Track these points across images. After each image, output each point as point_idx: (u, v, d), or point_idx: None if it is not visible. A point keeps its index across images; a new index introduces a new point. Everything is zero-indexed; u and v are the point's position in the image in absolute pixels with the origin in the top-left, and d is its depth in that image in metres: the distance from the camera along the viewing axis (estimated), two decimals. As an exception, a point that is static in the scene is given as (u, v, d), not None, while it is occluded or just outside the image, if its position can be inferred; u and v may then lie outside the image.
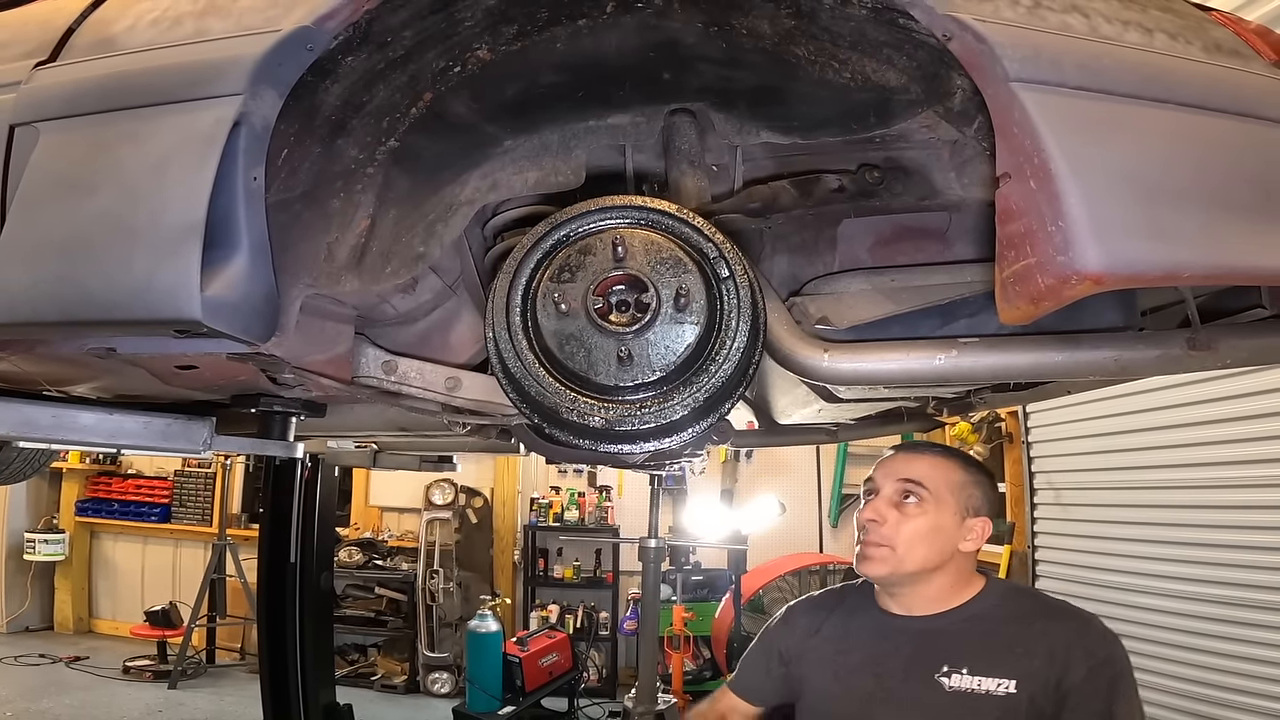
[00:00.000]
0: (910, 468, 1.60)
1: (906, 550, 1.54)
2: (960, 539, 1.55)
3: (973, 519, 1.56)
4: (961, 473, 1.59)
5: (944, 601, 1.58)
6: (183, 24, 1.04)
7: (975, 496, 1.58)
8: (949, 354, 1.21)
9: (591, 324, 1.02)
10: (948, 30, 0.95)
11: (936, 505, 1.55)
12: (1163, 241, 0.85)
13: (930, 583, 1.58)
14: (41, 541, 7.39)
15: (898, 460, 1.64)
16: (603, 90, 1.27)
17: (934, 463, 1.60)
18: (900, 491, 1.57)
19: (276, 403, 1.50)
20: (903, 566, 1.55)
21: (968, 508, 1.56)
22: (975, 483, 1.59)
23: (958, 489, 1.57)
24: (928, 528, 1.54)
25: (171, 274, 0.85)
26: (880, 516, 1.57)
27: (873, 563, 1.58)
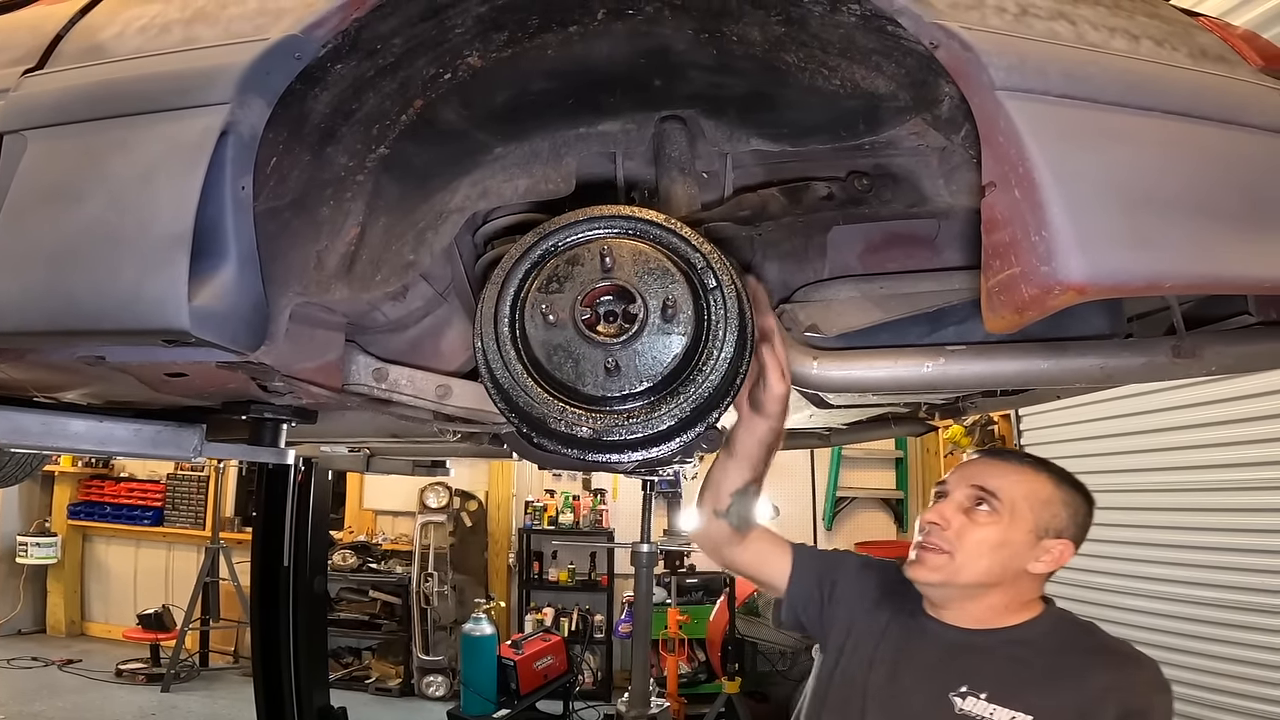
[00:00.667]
0: (988, 474, 1.43)
1: (967, 560, 1.38)
2: (1031, 559, 1.39)
3: (1051, 540, 1.39)
4: (1050, 488, 1.41)
5: (991, 620, 1.42)
6: (171, 31, 1.04)
7: (1060, 517, 1.40)
8: (937, 361, 1.22)
9: (579, 334, 1.03)
10: (935, 38, 0.96)
11: (1010, 518, 1.38)
12: (1146, 251, 0.85)
13: (981, 599, 1.42)
14: (34, 545, 7.35)
15: (977, 465, 1.48)
16: (593, 97, 1.27)
17: (1018, 472, 1.43)
18: (972, 497, 1.41)
19: (267, 409, 1.50)
20: (958, 577, 1.39)
21: (1048, 527, 1.39)
22: (1064, 502, 1.41)
23: (1040, 505, 1.39)
24: (995, 540, 1.38)
25: (159, 284, 0.85)
26: (944, 520, 1.41)
27: (924, 568, 1.41)
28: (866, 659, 1.46)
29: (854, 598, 1.54)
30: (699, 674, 6.33)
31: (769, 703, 5.69)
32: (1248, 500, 3.72)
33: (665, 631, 5.91)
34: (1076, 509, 1.42)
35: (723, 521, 1.47)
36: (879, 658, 1.46)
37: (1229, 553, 3.77)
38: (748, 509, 1.47)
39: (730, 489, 1.45)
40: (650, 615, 4.40)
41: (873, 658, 1.46)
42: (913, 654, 1.44)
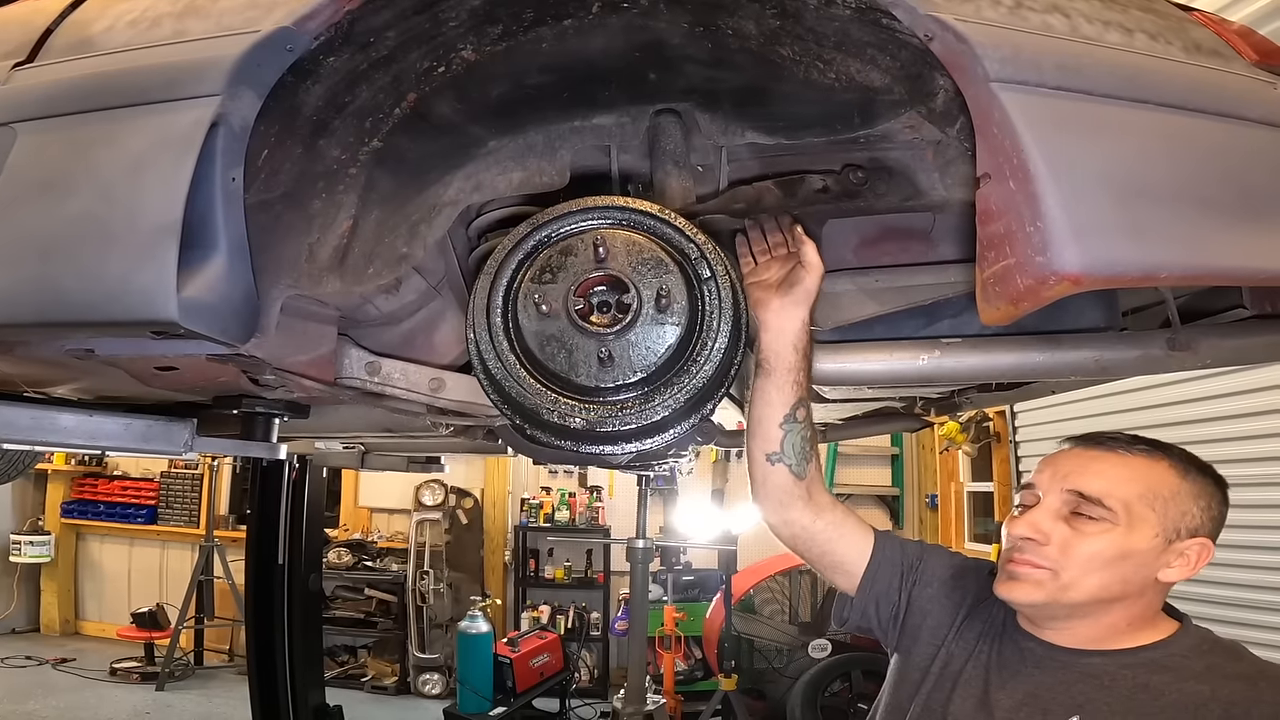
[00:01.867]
0: (1088, 473, 1.16)
1: (1076, 577, 1.12)
2: (1160, 567, 1.13)
3: (1185, 541, 1.13)
4: (1174, 480, 1.15)
5: (1108, 640, 1.16)
6: (161, 25, 1.04)
7: (1192, 513, 1.14)
8: (932, 354, 1.22)
9: (572, 325, 1.02)
10: (929, 30, 0.95)
11: (1129, 523, 1.12)
12: (1141, 242, 0.85)
13: (1099, 618, 1.16)
14: (27, 543, 7.32)
15: (1071, 458, 1.20)
16: (588, 91, 1.27)
17: (1128, 465, 1.16)
18: (1071, 504, 1.15)
19: (259, 404, 1.49)
20: (1065, 596, 1.13)
21: (1180, 528, 1.13)
22: (1195, 494, 1.15)
23: (1165, 502, 1.13)
24: (1113, 552, 1.11)
25: (147, 275, 0.85)
26: (1040, 534, 1.15)
27: (1021, 585, 1.15)
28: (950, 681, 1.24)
29: (942, 607, 1.29)
30: (695, 671, 6.35)
31: (765, 700, 5.69)
32: (1245, 496, 3.73)
33: (662, 629, 5.92)
34: (1210, 500, 1.16)
35: (780, 466, 1.26)
36: (964, 679, 1.22)
37: (1228, 550, 3.78)
38: (804, 441, 1.26)
39: (777, 418, 1.23)
40: (646, 612, 4.41)
41: (957, 679, 1.23)
42: (1006, 677, 1.19)
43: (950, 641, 1.27)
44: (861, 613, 1.34)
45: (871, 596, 1.32)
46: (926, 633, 1.29)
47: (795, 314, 1.21)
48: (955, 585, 1.31)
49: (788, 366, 1.22)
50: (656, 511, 6.83)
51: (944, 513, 7.06)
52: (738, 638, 5.49)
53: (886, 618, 1.33)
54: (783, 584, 5.89)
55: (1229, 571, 3.77)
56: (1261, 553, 3.64)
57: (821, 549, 1.32)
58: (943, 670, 1.25)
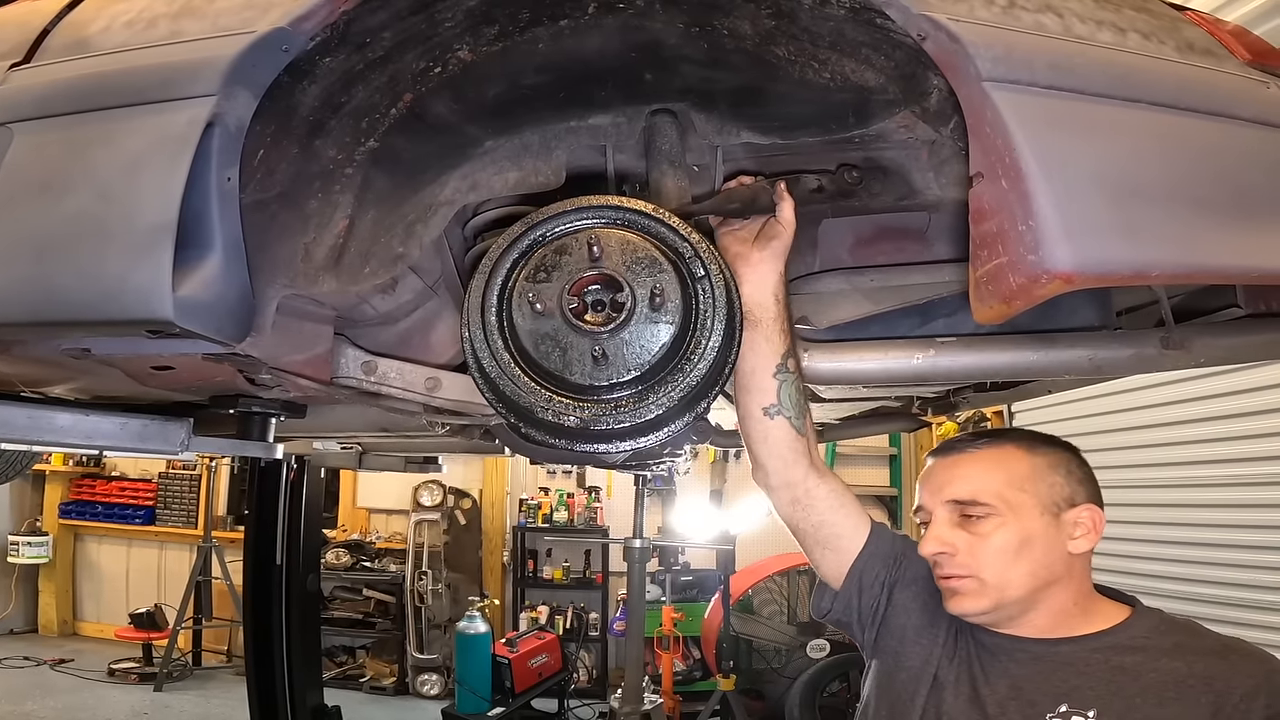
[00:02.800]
0: (955, 480, 1.23)
1: (1001, 575, 1.18)
2: (1065, 539, 1.19)
3: (1070, 510, 1.20)
4: (1026, 459, 1.22)
5: (1066, 626, 1.21)
6: (157, 25, 1.04)
7: (1058, 484, 1.21)
8: (926, 353, 1.22)
9: (567, 323, 1.02)
10: (923, 30, 0.96)
11: (1012, 510, 1.18)
12: (1133, 241, 0.86)
13: (1046, 604, 1.21)
14: (25, 544, 7.32)
15: (936, 475, 1.27)
16: (584, 91, 1.27)
17: (983, 460, 1.23)
18: (956, 512, 1.22)
19: (255, 403, 1.49)
20: (1005, 594, 1.18)
21: (1054, 500, 1.20)
22: (1050, 465, 1.22)
23: (1030, 481, 1.20)
24: (1016, 540, 1.18)
25: (143, 274, 0.85)
26: (948, 546, 1.20)
27: (965, 598, 1.20)
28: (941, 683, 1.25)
29: (924, 607, 1.30)
30: (694, 671, 6.35)
31: (764, 700, 5.69)
32: (1247, 496, 3.74)
33: (660, 629, 5.92)
34: (1067, 468, 1.23)
35: (780, 419, 1.23)
36: (954, 679, 1.24)
37: (1227, 549, 3.79)
38: (798, 392, 1.24)
39: (770, 368, 1.21)
40: (643, 612, 4.41)
41: (947, 680, 1.24)
42: (991, 673, 1.22)
43: (925, 640, 1.28)
44: (845, 603, 1.33)
45: (858, 587, 1.31)
46: (912, 633, 1.29)
47: (773, 267, 1.21)
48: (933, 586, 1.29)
49: (773, 316, 1.21)
50: (655, 511, 6.83)
51: (942, 512, 7.05)
52: (736, 638, 5.50)
53: (866, 612, 1.32)
54: (781, 584, 5.90)
55: (1227, 571, 3.78)
56: (1260, 552, 3.65)
57: (821, 517, 1.29)
58: (935, 673, 1.26)
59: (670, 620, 5.90)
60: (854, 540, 1.31)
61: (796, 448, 1.25)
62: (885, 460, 7.61)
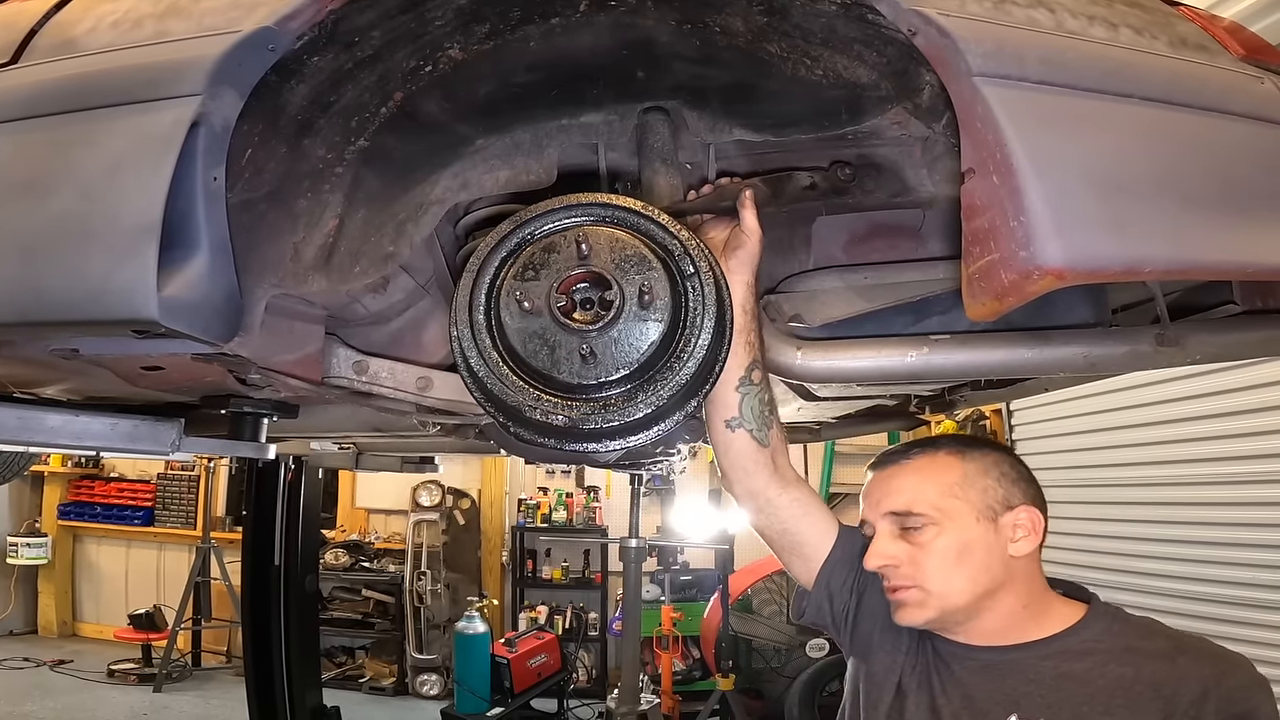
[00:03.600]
0: (888, 494, 1.24)
1: (944, 583, 1.18)
2: (1005, 543, 1.18)
3: (1007, 514, 1.19)
4: (958, 465, 1.22)
5: (1019, 632, 1.20)
6: (143, 26, 1.03)
7: (990, 488, 1.20)
8: (920, 351, 1.22)
9: (555, 322, 1.02)
10: (913, 25, 0.95)
11: (948, 518, 1.19)
12: (1125, 236, 0.85)
13: (994, 610, 1.20)
14: (24, 545, 7.33)
15: (875, 485, 1.28)
16: (576, 89, 1.27)
17: (916, 471, 1.24)
18: (895, 524, 1.22)
19: (247, 404, 1.49)
20: (948, 602, 1.18)
21: (991, 504, 1.19)
22: (982, 470, 1.21)
23: (961, 487, 1.20)
24: (955, 548, 1.18)
25: (127, 274, 0.84)
26: (890, 558, 1.20)
27: (911, 609, 1.20)
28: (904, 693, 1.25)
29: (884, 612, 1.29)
30: (693, 671, 6.35)
31: (763, 699, 5.69)
32: (1244, 494, 3.73)
33: (659, 629, 5.92)
34: (999, 470, 1.22)
35: (741, 432, 1.22)
36: (915, 689, 1.24)
37: (1225, 547, 3.78)
38: (761, 405, 1.22)
39: (732, 381, 1.19)
40: (639, 612, 4.40)
41: (910, 690, 1.25)
42: (947, 683, 1.22)
43: (899, 651, 1.28)
44: (817, 608, 1.34)
45: (827, 592, 1.32)
46: (878, 638, 1.30)
47: (739, 278, 1.19)
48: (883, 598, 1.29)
49: (738, 328, 1.17)
50: (654, 511, 6.83)
51: (941, 511, 7.06)
52: (735, 637, 5.49)
53: (839, 615, 1.33)
54: (780, 583, 5.89)
55: (1224, 569, 3.77)
56: (1263, 551, 3.63)
57: (784, 525, 1.29)
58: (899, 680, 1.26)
59: (669, 620, 5.90)
60: (819, 547, 1.31)
61: (758, 459, 1.25)
62: (884, 459, 7.60)
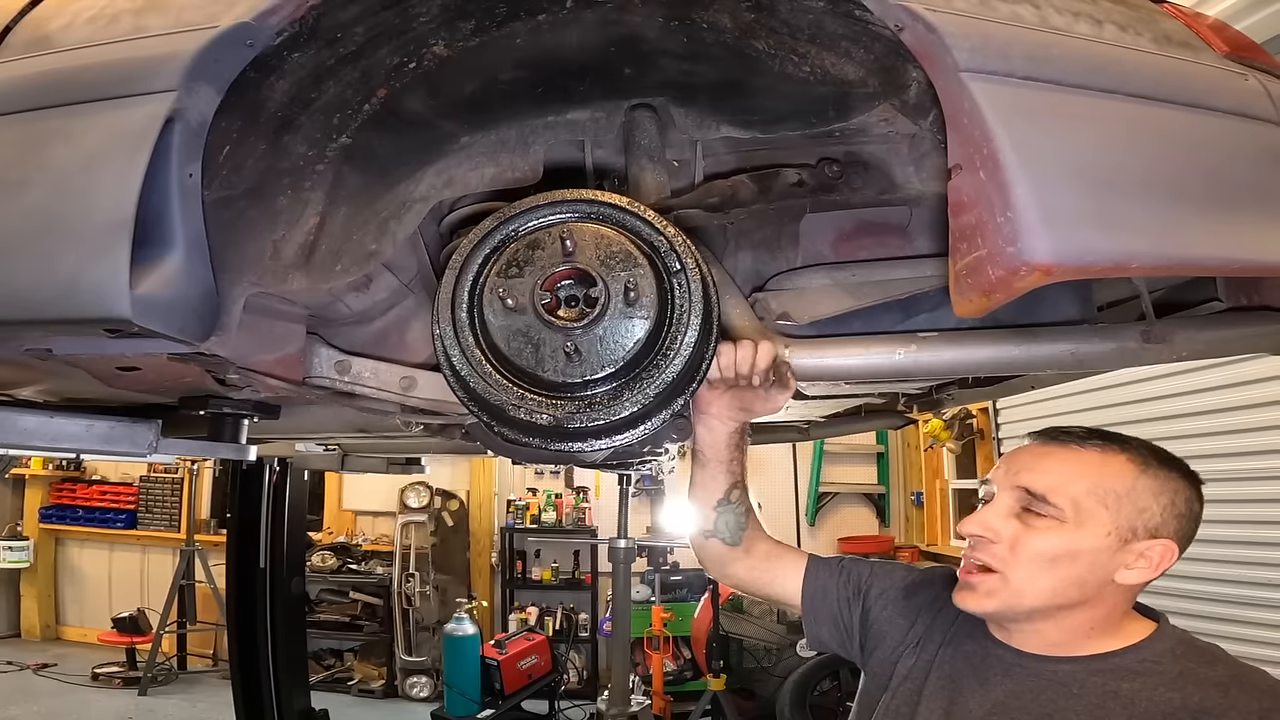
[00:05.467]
0: (1038, 468, 1.13)
1: (1026, 581, 1.09)
2: (1117, 568, 1.08)
3: (1143, 541, 1.07)
4: (1131, 475, 1.09)
5: (1076, 645, 1.12)
6: (120, 21, 1.02)
7: (1150, 511, 1.08)
8: (908, 348, 1.21)
9: (539, 319, 1.01)
10: (900, 20, 0.95)
11: (1078, 520, 1.07)
12: (1111, 232, 0.85)
13: (1060, 621, 1.12)
14: (5, 549, 7.24)
15: (1026, 454, 1.17)
16: (563, 86, 1.26)
17: (1079, 460, 1.11)
18: (1021, 500, 1.12)
19: (226, 404, 1.47)
20: (1019, 602, 1.10)
21: (1135, 526, 1.07)
22: (1155, 490, 1.09)
23: (1119, 499, 1.08)
24: (1060, 551, 1.08)
25: (99, 271, 0.83)
26: (990, 531, 1.12)
27: (973, 595, 1.13)
28: (915, 694, 1.20)
29: (897, 626, 1.27)
30: (684, 671, 6.34)
31: (755, 699, 5.69)
32: (1230, 490, 3.75)
33: (650, 629, 5.91)
34: (1173, 498, 1.09)
35: (714, 541, 1.33)
36: (929, 691, 1.19)
37: (1212, 544, 3.80)
38: (736, 518, 1.32)
39: (711, 502, 1.31)
40: (629, 612, 4.39)
41: (921, 691, 1.20)
42: (973, 688, 1.15)
43: (908, 655, 1.25)
44: (817, 639, 1.37)
45: (818, 625, 1.36)
46: (885, 650, 1.28)
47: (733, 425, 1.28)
48: (911, 599, 1.30)
49: (720, 460, 1.30)
50: (643, 511, 6.82)
51: (929, 510, 7.09)
52: (726, 637, 5.49)
53: (843, 641, 1.34)
54: (770, 582, 5.88)
55: (1212, 566, 3.79)
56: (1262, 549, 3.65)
57: (762, 591, 1.41)
58: (902, 684, 1.23)
59: (660, 620, 5.89)
60: (792, 595, 1.37)
61: (730, 556, 1.36)
62: (873, 458, 7.62)
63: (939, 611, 1.26)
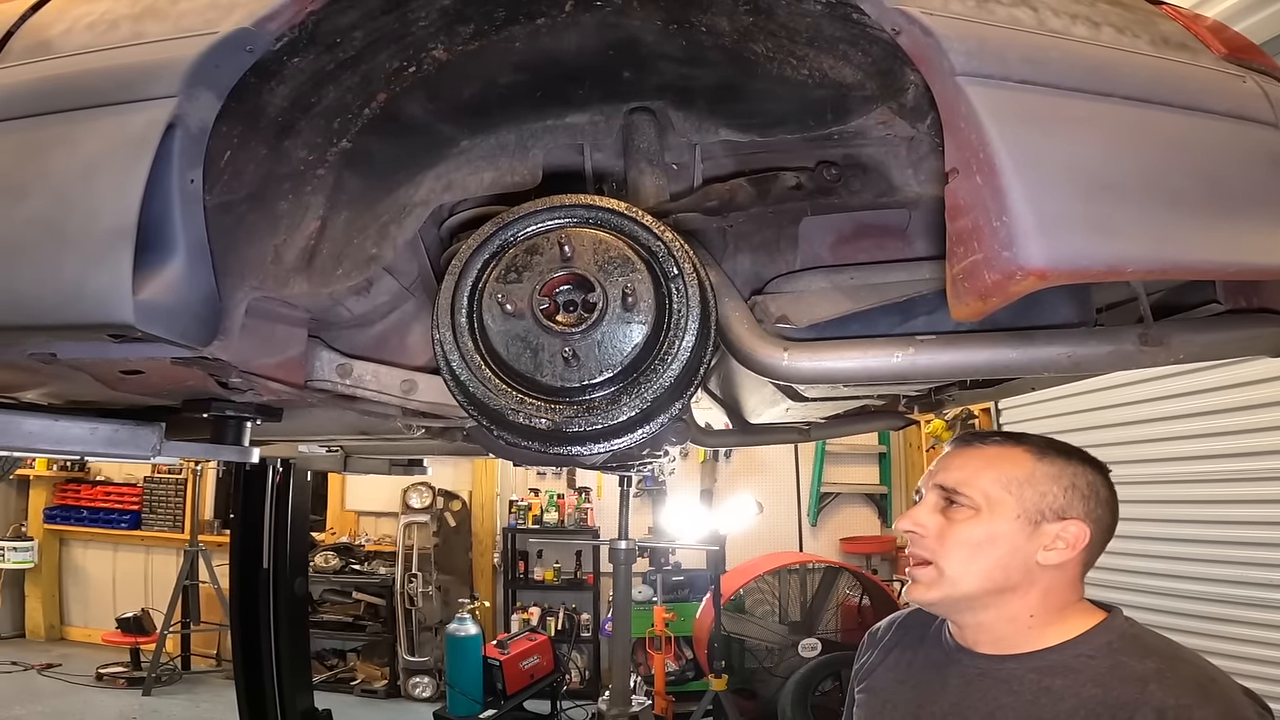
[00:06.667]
0: (951, 467, 1.26)
1: (958, 568, 1.19)
2: (1035, 549, 1.18)
3: (1053, 524, 1.18)
4: (1028, 464, 1.21)
5: (1024, 641, 1.20)
6: (119, 27, 1.02)
7: (1051, 494, 1.19)
8: (906, 351, 1.21)
9: (538, 324, 1.01)
10: (897, 24, 0.95)
11: (989, 508, 1.19)
12: (1107, 236, 0.85)
13: (1001, 611, 1.21)
14: (10, 549, 7.28)
15: (942, 459, 1.31)
16: (561, 89, 1.26)
17: (982, 455, 1.25)
18: (942, 497, 1.25)
19: (229, 407, 1.47)
20: (956, 589, 1.20)
21: (1040, 508, 1.19)
22: (1052, 476, 1.20)
23: (1020, 484, 1.20)
24: (980, 537, 1.19)
25: (102, 277, 0.83)
26: (919, 526, 1.24)
27: (917, 586, 1.24)
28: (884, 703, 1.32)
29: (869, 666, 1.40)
30: (686, 672, 6.35)
31: (756, 700, 5.70)
32: (1228, 491, 3.75)
33: (651, 629, 5.91)
34: (1073, 480, 1.21)
35: None
36: (898, 700, 1.30)
37: (1210, 544, 3.80)
38: None
39: None
40: (630, 613, 4.39)
41: (891, 700, 1.31)
42: (935, 691, 1.26)
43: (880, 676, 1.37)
44: None
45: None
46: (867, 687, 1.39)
47: None
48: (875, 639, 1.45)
49: None
50: (645, 512, 6.82)
51: (932, 510, 7.07)
52: (728, 638, 5.49)
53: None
54: (772, 583, 5.90)
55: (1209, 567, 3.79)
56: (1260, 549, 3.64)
57: None
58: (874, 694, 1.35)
59: (661, 620, 5.89)
60: None
61: None
62: (875, 458, 7.62)
63: (910, 631, 1.39)
